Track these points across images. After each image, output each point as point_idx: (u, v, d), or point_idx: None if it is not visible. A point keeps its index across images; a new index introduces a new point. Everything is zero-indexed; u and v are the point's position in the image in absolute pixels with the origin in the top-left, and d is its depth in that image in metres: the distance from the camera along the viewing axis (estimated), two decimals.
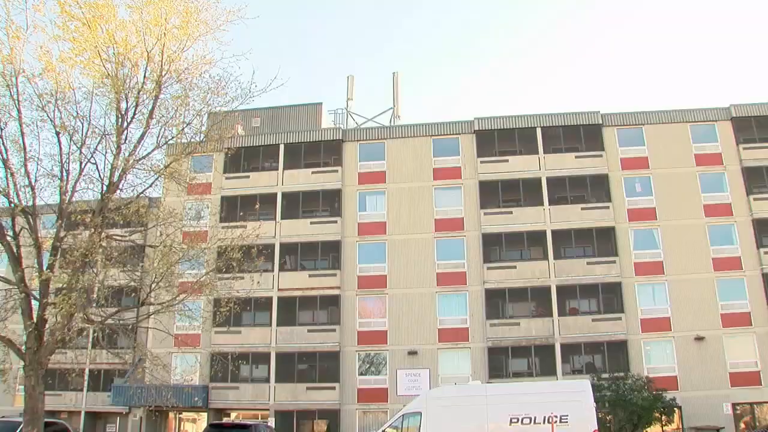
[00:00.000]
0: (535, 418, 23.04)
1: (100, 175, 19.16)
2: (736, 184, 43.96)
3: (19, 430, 20.46)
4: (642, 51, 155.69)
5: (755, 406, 40.59)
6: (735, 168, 44.24)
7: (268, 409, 43.37)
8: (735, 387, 40.31)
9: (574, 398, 23.72)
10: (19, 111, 18.53)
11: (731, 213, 43.49)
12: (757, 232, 42.93)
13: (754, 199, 43.37)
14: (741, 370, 40.68)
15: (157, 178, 20.18)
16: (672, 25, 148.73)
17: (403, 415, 24.99)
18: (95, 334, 20.22)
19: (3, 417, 28.67)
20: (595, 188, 45.34)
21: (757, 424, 38.69)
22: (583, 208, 44.61)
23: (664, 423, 38.73)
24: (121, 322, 20.63)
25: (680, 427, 39.48)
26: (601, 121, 46.26)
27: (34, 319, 17.93)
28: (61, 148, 18.83)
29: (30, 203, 18.54)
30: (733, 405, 40.13)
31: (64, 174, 18.84)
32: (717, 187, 44.18)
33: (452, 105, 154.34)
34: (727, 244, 43.07)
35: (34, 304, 18.14)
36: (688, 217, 43.49)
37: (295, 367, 44.56)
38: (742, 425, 39.68)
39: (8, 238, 18.45)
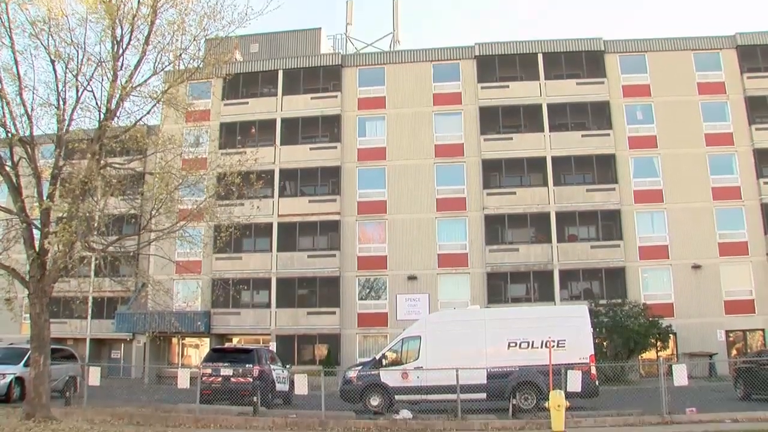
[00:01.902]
0: (532, 343, 23.20)
1: (97, 103, 18.83)
2: (738, 113, 43.60)
3: (27, 356, 20.80)
4: None
5: (747, 333, 41.35)
6: (738, 97, 43.77)
7: (269, 334, 44.04)
8: (729, 315, 40.96)
9: (571, 323, 23.86)
10: (11, 39, 18.09)
11: (732, 143, 43.28)
12: (758, 162, 42.80)
13: (756, 129, 43.10)
14: (735, 298, 41.25)
15: (154, 105, 19.87)
16: None
17: (402, 339, 25.18)
18: (97, 262, 20.23)
19: (11, 344, 29.15)
20: (596, 115, 45.03)
21: (749, 350, 39.28)
22: (583, 135, 44.41)
23: (659, 349, 39.39)
24: (122, 249, 20.65)
25: (675, 352, 40.17)
26: (603, 48, 45.61)
27: (36, 249, 17.98)
28: (56, 76, 18.47)
29: (27, 133, 18.35)
30: (727, 332, 40.88)
31: (61, 103, 18.54)
32: (719, 116, 43.84)
33: (452, 35, 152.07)
34: (727, 173, 43.02)
35: (36, 233, 18.16)
36: (688, 146, 43.26)
37: (295, 292, 45.05)
38: (734, 352, 40.33)
39: (7, 169, 18.30)
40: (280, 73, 48.10)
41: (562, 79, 45.54)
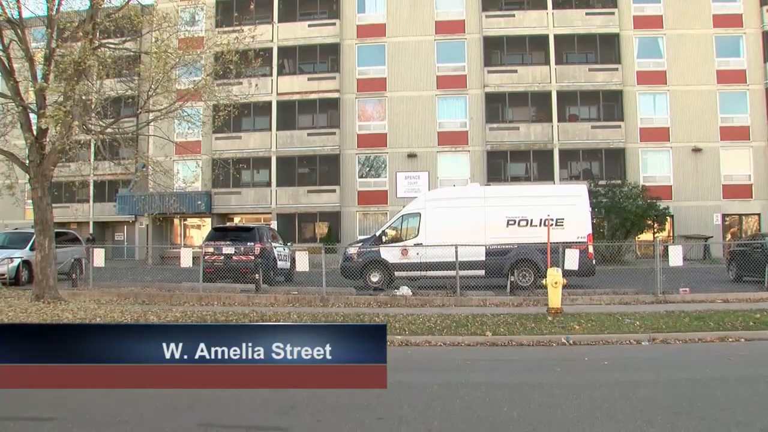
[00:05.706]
0: (531, 221, 23.35)
1: None
2: None
3: (32, 240, 21.10)
4: None
5: (743, 217, 41.75)
6: None
7: (270, 213, 44.47)
8: (726, 199, 41.29)
9: (570, 202, 23.92)
10: None
11: (741, 24, 42.15)
12: (766, 45, 41.77)
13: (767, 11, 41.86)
14: (734, 182, 41.48)
15: None
16: None
17: (402, 216, 25.28)
18: (96, 144, 20.21)
19: (16, 229, 29.55)
20: None
21: (744, 234, 39.71)
22: (587, 13, 43.23)
23: (655, 230, 39.83)
24: (121, 131, 20.51)
25: (671, 235, 40.68)
26: None
27: (34, 132, 17.87)
28: None
29: (16, 14, 17.81)
30: (723, 216, 41.29)
31: None
32: None
33: None
34: (734, 56, 42.17)
35: (33, 117, 17.99)
36: (695, 27, 42.19)
37: (295, 170, 45.15)
38: (729, 235, 40.85)
39: None
40: None
41: None
